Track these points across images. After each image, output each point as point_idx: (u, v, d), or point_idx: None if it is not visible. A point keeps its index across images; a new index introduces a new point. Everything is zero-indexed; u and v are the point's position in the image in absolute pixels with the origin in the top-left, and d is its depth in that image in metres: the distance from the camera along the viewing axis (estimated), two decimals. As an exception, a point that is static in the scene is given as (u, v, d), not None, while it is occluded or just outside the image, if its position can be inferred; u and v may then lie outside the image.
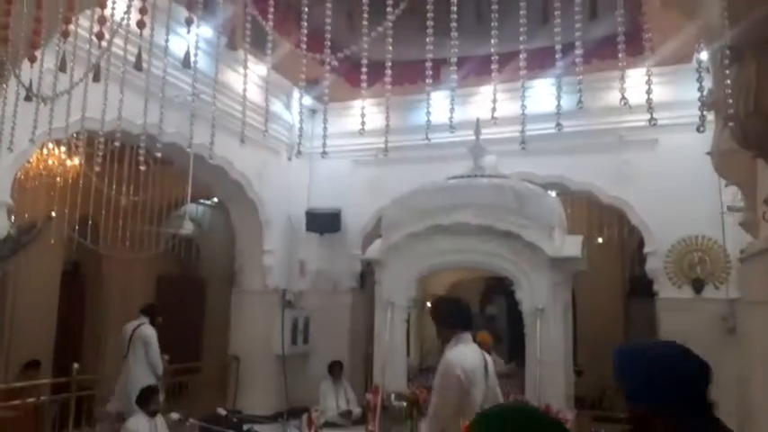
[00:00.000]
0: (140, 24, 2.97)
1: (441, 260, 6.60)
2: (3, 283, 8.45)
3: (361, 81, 2.95)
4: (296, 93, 8.80)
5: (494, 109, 2.64)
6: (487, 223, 6.28)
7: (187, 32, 2.98)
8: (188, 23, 2.94)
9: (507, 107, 4.66)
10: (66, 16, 3.15)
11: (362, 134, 3.04)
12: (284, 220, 9.24)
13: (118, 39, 3.28)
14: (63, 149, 7.09)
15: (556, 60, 2.26)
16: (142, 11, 2.99)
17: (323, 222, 9.16)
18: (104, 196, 7.36)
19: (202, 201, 11.16)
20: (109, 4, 3.18)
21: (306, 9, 2.79)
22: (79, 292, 10.58)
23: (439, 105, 3.91)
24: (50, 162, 7.30)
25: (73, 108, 4.03)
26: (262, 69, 5.24)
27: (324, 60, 2.77)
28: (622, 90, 1.95)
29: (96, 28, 3.15)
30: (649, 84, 1.97)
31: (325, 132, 3.03)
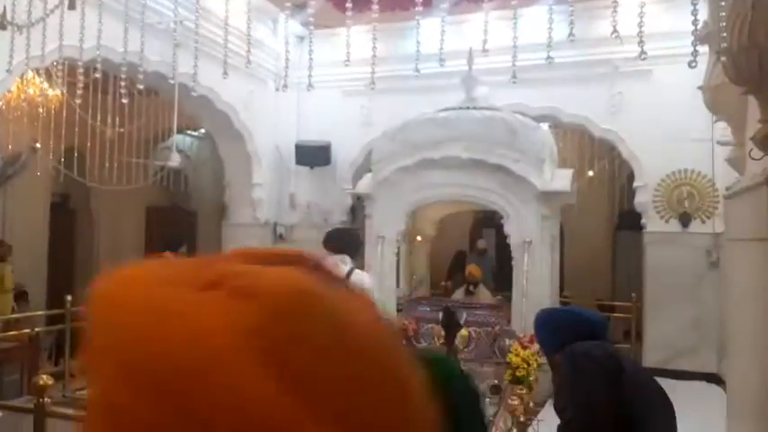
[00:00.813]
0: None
1: (431, 194, 6.61)
2: (-9, 216, 8.42)
3: (350, 7, 2.84)
4: (282, 18, 8.51)
5: (485, 41, 2.56)
6: (478, 157, 6.25)
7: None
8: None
9: (500, 36, 4.55)
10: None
11: (347, 65, 2.96)
12: (273, 153, 9.15)
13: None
14: (43, 79, 6.89)
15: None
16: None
17: (313, 155, 9.08)
18: (89, 127, 7.23)
19: (190, 132, 10.99)
20: (80, -76, 3.02)
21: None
22: (69, 225, 10.57)
23: (430, 33, 3.80)
24: (31, 91, 7.11)
25: (50, 36, 3.90)
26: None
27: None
28: (614, 23, 1.88)
29: (67, -50, 3.01)
30: (642, 15, 1.90)
31: (310, 63, 2.95)
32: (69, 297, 6.58)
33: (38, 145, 7.39)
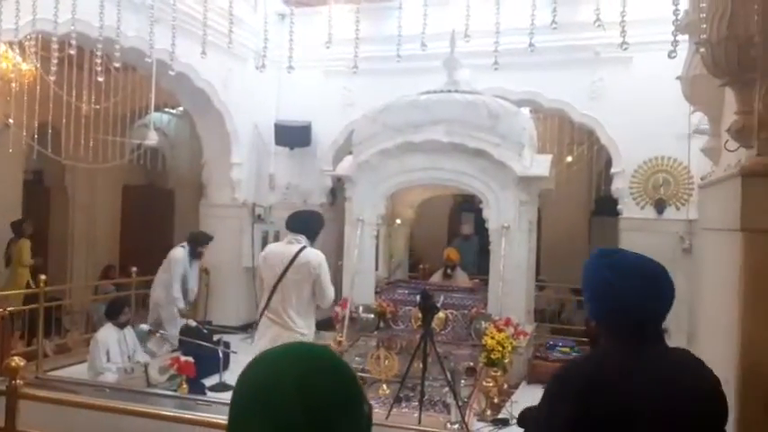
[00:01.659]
0: None
1: (410, 177, 6.61)
2: (-38, 192, 8.24)
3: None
4: (263, -5, 8.38)
5: (467, 26, 2.55)
6: (458, 141, 6.25)
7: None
8: None
9: (482, 19, 4.52)
10: None
11: (329, 47, 2.92)
12: (252, 133, 9.06)
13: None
14: (16, 53, 6.71)
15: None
16: None
17: (292, 136, 9.01)
18: (64, 103, 7.07)
19: (167, 109, 10.82)
20: None
21: None
22: (43, 202, 10.38)
23: (412, 15, 3.77)
24: (4, 66, 6.93)
25: (24, 8, 3.79)
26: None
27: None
28: (597, 11, 1.88)
29: None
30: (624, 5, 1.91)
31: (291, 45, 2.91)
32: (44, 276, 6.50)
33: (11, 121, 7.22)
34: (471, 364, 5.59)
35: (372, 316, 6.25)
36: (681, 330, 7.48)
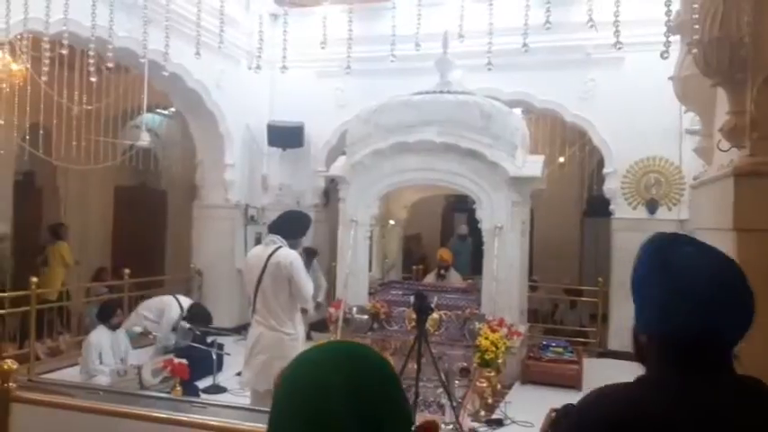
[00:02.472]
0: None
1: (404, 178, 6.61)
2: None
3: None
4: (256, -6, 8.36)
5: (461, 26, 2.55)
6: (451, 141, 6.26)
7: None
8: None
9: (474, 19, 4.53)
10: None
11: (324, 48, 2.92)
12: (245, 133, 9.04)
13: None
14: (7, 52, 6.66)
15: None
16: None
17: (285, 137, 8.99)
18: (55, 104, 7.02)
19: (159, 110, 10.78)
20: None
21: None
22: (35, 204, 10.31)
23: (405, 16, 3.78)
24: (-6, 66, 6.87)
25: (14, 8, 3.76)
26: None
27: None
28: (590, 11, 1.89)
29: None
30: (618, 5, 1.92)
31: (285, 45, 2.90)
32: (35, 279, 6.45)
33: (1, 122, 7.16)
34: (465, 365, 5.60)
35: (366, 317, 6.24)
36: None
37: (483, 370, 5.44)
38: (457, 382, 5.33)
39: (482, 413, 5.28)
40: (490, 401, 5.42)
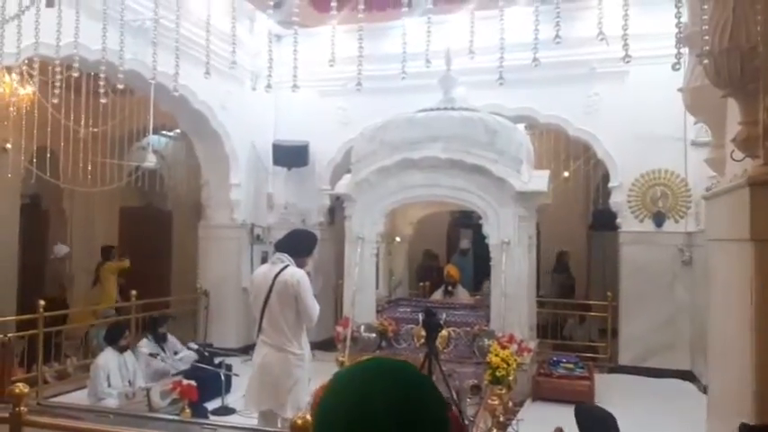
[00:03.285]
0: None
1: (410, 195, 6.61)
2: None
3: (328, 6, 2.83)
4: (259, 16, 8.43)
5: (471, 41, 2.57)
6: (457, 158, 6.27)
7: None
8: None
9: (478, 37, 4.54)
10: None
11: (332, 65, 2.94)
12: (250, 153, 9.07)
13: (68, -42, 3.08)
14: (15, 77, 6.72)
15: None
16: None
17: (290, 156, 9.02)
18: (62, 127, 7.07)
19: (164, 132, 10.84)
20: None
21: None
22: (41, 226, 10.33)
23: (409, 34, 3.80)
24: (2, 90, 6.93)
25: (25, 33, 3.80)
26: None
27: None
28: (600, 25, 1.90)
29: (44, -55, 2.94)
30: (626, 18, 1.93)
31: (295, 63, 2.92)
32: (42, 302, 6.42)
33: (8, 145, 7.21)
34: (476, 382, 5.55)
35: (374, 335, 6.20)
36: (684, 344, 7.49)
37: (494, 387, 5.38)
38: (468, 400, 5.28)
39: (494, 431, 5.21)
40: (502, 419, 5.35)
